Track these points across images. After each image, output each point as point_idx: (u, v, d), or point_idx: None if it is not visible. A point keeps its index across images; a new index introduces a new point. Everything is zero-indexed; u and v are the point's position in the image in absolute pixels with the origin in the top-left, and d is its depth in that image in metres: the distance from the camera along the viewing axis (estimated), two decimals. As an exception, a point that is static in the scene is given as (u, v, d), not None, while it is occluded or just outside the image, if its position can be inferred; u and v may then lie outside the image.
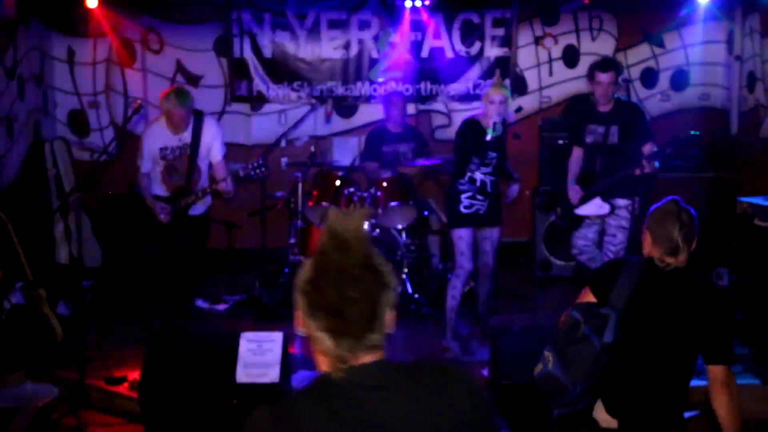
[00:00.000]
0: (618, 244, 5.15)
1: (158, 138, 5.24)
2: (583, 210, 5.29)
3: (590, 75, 5.19)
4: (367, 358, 1.57)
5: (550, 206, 5.77)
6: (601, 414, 2.78)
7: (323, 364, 1.60)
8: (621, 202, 5.15)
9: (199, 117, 5.30)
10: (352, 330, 1.54)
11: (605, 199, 5.16)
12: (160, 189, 5.33)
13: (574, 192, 5.32)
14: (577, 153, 5.37)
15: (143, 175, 5.32)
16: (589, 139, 5.23)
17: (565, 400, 2.68)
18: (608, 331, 2.63)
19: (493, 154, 5.21)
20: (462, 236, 5.27)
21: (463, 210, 5.28)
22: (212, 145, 5.29)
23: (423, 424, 1.56)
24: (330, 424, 1.52)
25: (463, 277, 5.30)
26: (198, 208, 5.41)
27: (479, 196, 5.25)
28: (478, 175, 5.25)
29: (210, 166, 5.38)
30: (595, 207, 5.21)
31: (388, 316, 1.59)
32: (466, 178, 5.26)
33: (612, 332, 2.64)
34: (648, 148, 5.01)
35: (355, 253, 1.56)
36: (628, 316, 2.72)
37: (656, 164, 4.94)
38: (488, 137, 5.05)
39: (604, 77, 5.08)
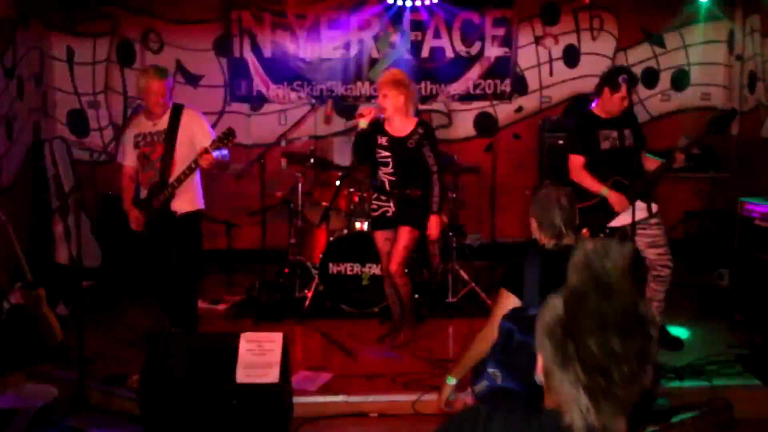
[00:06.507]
0: (663, 245, 4.92)
1: (136, 126, 5.03)
2: (618, 221, 4.83)
3: (613, 83, 4.82)
4: (619, 425, 1.33)
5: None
6: None
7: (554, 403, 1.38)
8: (653, 205, 4.90)
9: (177, 107, 5.01)
10: (615, 392, 1.31)
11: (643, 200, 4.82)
12: (141, 191, 5.03)
13: (622, 200, 4.81)
14: (580, 161, 4.94)
15: (125, 172, 5.06)
16: (605, 145, 4.92)
17: (518, 404, 2.66)
18: None
19: (386, 153, 4.97)
20: (374, 239, 5.19)
21: (371, 213, 5.21)
22: (196, 134, 4.94)
23: None
24: None
25: (387, 279, 5.15)
26: (180, 204, 4.97)
27: (382, 197, 5.05)
28: (380, 175, 5.07)
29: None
30: (636, 211, 4.73)
31: (650, 374, 1.35)
32: (376, 179, 5.14)
33: None
34: (681, 141, 4.84)
35: (620, 298, 1.33)
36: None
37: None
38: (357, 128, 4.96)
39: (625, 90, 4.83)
